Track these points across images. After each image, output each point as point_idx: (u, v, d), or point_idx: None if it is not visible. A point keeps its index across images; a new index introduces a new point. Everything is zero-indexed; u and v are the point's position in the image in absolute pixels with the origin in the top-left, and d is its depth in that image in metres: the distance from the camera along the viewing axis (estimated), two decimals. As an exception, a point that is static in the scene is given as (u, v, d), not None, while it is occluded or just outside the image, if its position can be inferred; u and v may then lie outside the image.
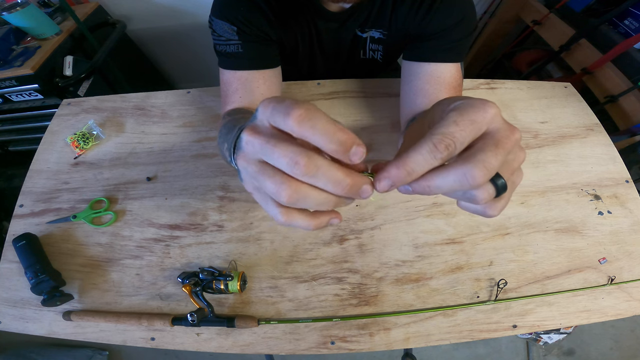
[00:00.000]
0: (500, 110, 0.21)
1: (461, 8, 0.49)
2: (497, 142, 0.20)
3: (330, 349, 0.49)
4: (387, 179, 0.20)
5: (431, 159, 0.19)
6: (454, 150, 0.19)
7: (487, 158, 0.19)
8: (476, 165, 0.19)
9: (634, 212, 0.58)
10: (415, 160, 0.20)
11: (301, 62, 0.67)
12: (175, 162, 0.64)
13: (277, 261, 0.54)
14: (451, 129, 0.19)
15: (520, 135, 0.21)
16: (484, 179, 0.19)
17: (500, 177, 0.21)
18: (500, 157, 0.20)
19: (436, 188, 0.20)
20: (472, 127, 0.20)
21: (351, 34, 0.59)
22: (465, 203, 0.23)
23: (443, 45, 0.51)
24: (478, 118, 0.20)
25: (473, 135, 0.20)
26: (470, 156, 0.19)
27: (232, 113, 0.51)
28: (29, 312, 0.52)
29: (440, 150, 0.19)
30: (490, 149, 0.19)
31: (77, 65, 1.07)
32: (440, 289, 0.52)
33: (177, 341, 0.49)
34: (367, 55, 0.64)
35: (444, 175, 0.20)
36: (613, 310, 0.51)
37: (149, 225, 0.58)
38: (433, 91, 0.51)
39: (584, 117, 0.70)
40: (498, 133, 0.20)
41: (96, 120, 0.68)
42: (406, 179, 0.20)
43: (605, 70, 1.01)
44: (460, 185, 0.19)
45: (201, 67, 1.63)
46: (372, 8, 0.54)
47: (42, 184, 0.63)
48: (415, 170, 0.20)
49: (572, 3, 1.14)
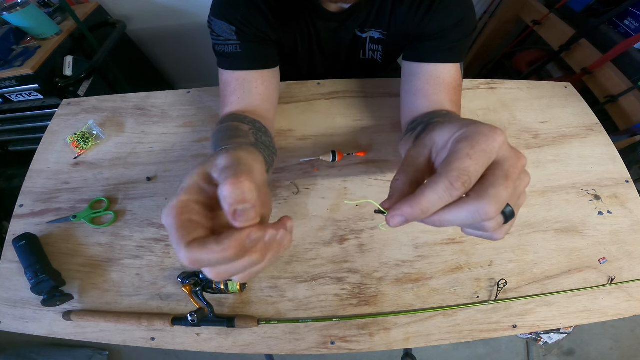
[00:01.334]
0: (507, 136, 0.21)
1: (461, 8, 0.49)
2: (507, 174, 0.20)
3: (330, 349, 0.49)
4: (400, 217, 0.20)
5: (447, 197, 0.19)
6: (469, 186, 0.19)
7: (498, 193, 0.19)
8: (490, 202, 0.19)
9: (634, 212, 0.58)
10: (430, 200, 0.19)
11: (301, 62, 0.67)
12: (176, 162, 0.64)
13: (277, 261, 0.54)
14: (466, 164, 0.19)
15: (525, 161, 0.21)
16: (496, 213, 0.19)
17: (508, 205, 0.21)
18: (510, 190, 0.20)
19: (448, 222, 0.20)
20: (484, 157, 0.20)
21: (350, 34, 0.59)
22: (471, 230, 0.23)
23: (442, 46, 0.51)
24: (488, 148, 0.20)
25: (486, 166, 0.20)
26: (483, 192, 0.19)
27: (225, 119, 0.50)
28: (29, 312, 0.52)
29: (457, 188, 0.19)
30: (501, 183, 0.19)
31: (77, 65, 1.07)
32: (440, 289, 0.52)
33: (177, 341, 0.49)
34: (366, 56, 0.64)
35: (456, 211, 0.20)
36: (613, 310, 0.51)
37: (149, 225, 0.58)
38: (433, 91, 0.51)
39: (584, 117, 0.70)
40: (506, 162, 0.20)
41: (96, 120, 0.68)
42: (420, 217, 0.20)
43: (605, 70, 1.01)
44: (472, 220, 0.19)
45: (201, 67, 1.63)
46: (371, 8, 0.54)
47: (42, 184, 0.63)
48: (429, 210, 0.20)
49: (572, 3, 1.14)
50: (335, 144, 0.64)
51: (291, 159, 0.63)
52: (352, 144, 0.64)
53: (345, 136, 0.66)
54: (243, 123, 0.48)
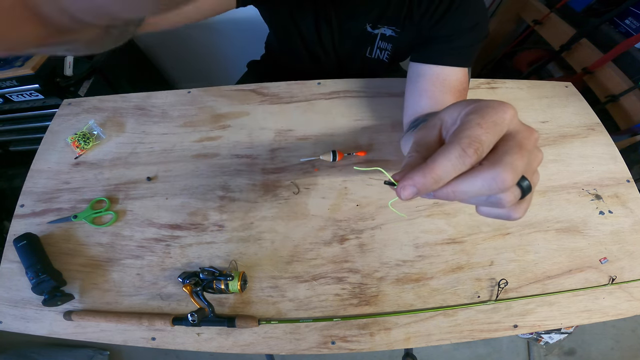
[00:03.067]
0: (517, 112, 0.21)
1: (477, 13, 0.49)
2: (521, 144, 0.19)
3: (331, 349, 0.49)
4: (412, 187, 0.19)
5: (460, 164, 0.19)
6: (482, 154, 0.19)
7: (514, 160, 0.18)
8: (505, 169, 0.18)
9: (635, 211, 0.58)
10: (443, 167, 0.19)
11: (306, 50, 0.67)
12: (176, 162, 0.64)
13: (278, 261, 0.54)
14: (477, 132, 0.19)
15: (538, 135, 0.21)
16: (513, 182, 0.18)
17: (525, 179, 0.20)
18: (526, 159, 0.19)
19: (462, 193, 0.20)
20: (495, 129, 0.19)
21: (360, 28, 0.59)
22: (487, 209, 0.22)
23: (453, 49, 0.51)
24: (499, 119, 0.19)
25: (497, 137, 0.19)
26: (498, 160, 0.19)
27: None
28: (29, 312, 0.52)
29: (469, 155, 0.18)
30: (516, 151, 0.19)
31: (77, 65, 1.07)
32: (441, 289, 0.52)
33: (178, 341, 0.50)
34: (373, 54, 0.64)
35: (472, 180, 0.19)
36: (614, 310, 0.51)
37: (150, 225, 0.58)
38: (438, 93, 0.51)
39: (585, 117, 0.70)
40: (519, 134, 0.20)
41: (97, 120, 0.68)
42: (433, 187, 0.19)
43: (606, 69, 1.01)
44: (488, 190, 0.19)
45: (202, 67, 1.63)
46: (387, 5, 0.54)
47: (43, 184, 0.63)
48: (442, 178, 0.19)
49: (573, 3, 1.14)
50: (336, 144, 0.64)
51: (292, 158, 0.63)
52: (353, 144, 0.64)
53: (345, 136, 0.66)
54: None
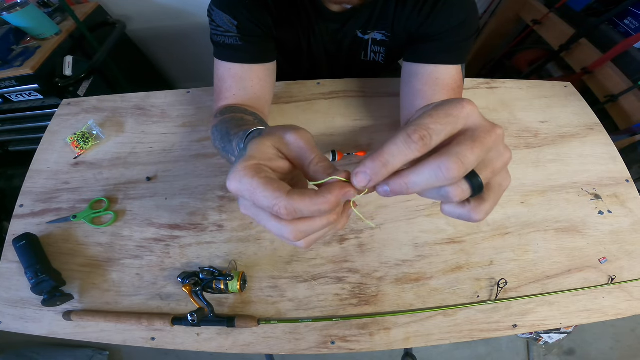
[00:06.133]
0: (478, 109, 0.21)
1: (463, 10, 0.49)
2: (475, 138, 0.19)
3: (331, 349, 0.49)
4: (363, 173, 0.20)
5: (406, 149, 0.19)
6: (429, 141, 0.19)
7: (462, 151, 0.18)
8: (450, 158, 0.18)
9: (634, 211, 0.58)
10: (389, 151, 0.19)
11: (303, 62, 0.67)
12: (175, 162, 0.64)
13: (277, 261, 0.54)
14: (426, 121, 0.19)
15: (502, 132, 0.21)
16: (458, 173, 0.18)
17: (477, 176, 0.20)
18: (477, 152, 0.19)
19: (413, 184, 0.20)
20: (447, 120, 0.19)
21: (351, 36, 0.59)
22: (449, 208, 0.23)
23: (443, 47, 0.51)
24: (454, 112, 0.20)
25: (449, 129, 0.19)
26: (446, 150, 0.19)
27: (224, 112, 0.50)
28: (29, 312, 0.52)
29: (414, 140, 0.19)
30: (466, 144, 0.19)
31: (77, 65, 1.07)
32: (441, 289, 0.52)
33: (178, 341, 0.49)
34: (368, 57, 0.64)
35: (420, 170, 0.19)
36: (613, 310, 0.51)
37: (149, 225, 0.58)
38: (432, 93, 0.51)
39: (584, 117, 0.70)
40: (477, 130, 0.20)
41: (96, 120, 0.68)
42: (382, 171, 0.20)
43: (605, 69, 1.01)
44: (435, 180, 0.19)
45: (201, 67, 1.63)
46: (374, 9, 0.54)
47: (42, 184, 0.63)
48: (390, 162, 0.19)
49: (572, 2, 1.14)
50: (335, 144, 0.64)
51: (291, 158, 0.63)
52: (352, 144, 0.64)
53: (345, 136, 0.66)
54: (245, 114, 0.48)
